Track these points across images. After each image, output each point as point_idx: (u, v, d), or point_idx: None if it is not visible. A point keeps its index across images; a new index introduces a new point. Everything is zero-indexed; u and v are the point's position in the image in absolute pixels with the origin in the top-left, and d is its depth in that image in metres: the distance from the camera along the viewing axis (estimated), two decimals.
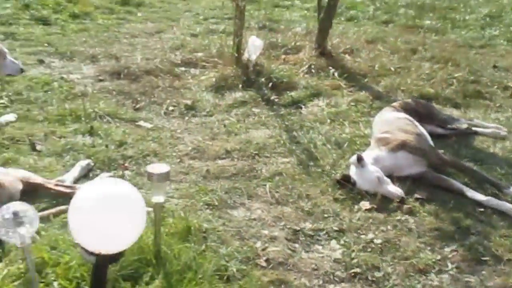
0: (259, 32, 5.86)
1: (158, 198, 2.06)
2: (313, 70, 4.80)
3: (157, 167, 2.05)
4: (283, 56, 5.19)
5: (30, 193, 2.59)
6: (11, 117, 3.52)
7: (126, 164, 3.06)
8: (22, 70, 3.29)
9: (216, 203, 2.73)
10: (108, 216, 1.54)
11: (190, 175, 3.02)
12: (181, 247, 2.18)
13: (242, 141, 3.44)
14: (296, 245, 2.44)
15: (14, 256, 2.15)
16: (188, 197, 2.77)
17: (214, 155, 3.26)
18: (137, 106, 3.96)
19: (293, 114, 3.96)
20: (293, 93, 4.28)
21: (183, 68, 4.82)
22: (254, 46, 4.80)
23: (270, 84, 4.39)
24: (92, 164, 3.00)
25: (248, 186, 2.92)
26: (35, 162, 3.00)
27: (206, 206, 2.71)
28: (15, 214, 1.66)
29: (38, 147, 3.17)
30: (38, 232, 2.24)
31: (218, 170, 3.07)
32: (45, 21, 5.92)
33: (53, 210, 2.48)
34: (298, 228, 2.56)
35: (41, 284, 1.97)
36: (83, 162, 2.95)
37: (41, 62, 4.73)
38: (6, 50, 3.16)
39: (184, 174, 3.02)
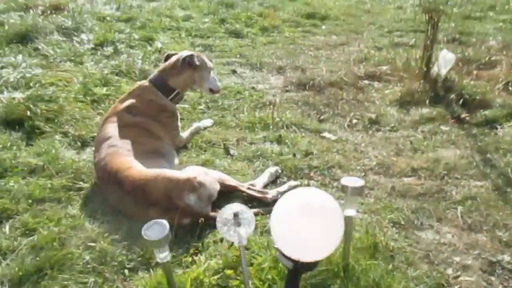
0: (448, 46, 5.59)
1: (350, 212, 2.06)
2: (510, 88, 4.40)
3: (352, 180, 2.05)
4: (475, 72, 4.84)
5: (225, 194, 2.81)
6: (208, 122, 3.84)
7: (311, 174, 3.12)
8: (219, 88, 3.56)
9: (403, 222, 2.64)
10: (310, 225, 1.59)
11: (374, 191, 2.97)
12: (369, 263, 2.15)
13: (430, 160, 3.28)
14: (493, 278, 2.25)
15: (213, 251, 2.34)
16: (374, 213, 2.73)
17: (400, 172, 3.17)
18: (322, 117, 4.03)
19: (487, 134, 3.66)
20: (487, 112, 3.96)
21: (366, 81, 4.79)
22: (445, 60, 4.59)
23: (461, 101, 4.12)
24: (280, 171, 3.12)
25: (436, 207, 2.78)
26: (229, 165, 3.23)
27: (392, 224, 2.64)
28: (235, 214, 1.80)
29: (231, 151, 3.41)
30: None
31: (404, 188, 2.98)
32: (237, 34, 6.35)
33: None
34: (494, 260, 2.35)
35: (236, 281, 2.11)
36: (272, 169, 3.09)
37: (233, 72, 5.08)
38: (211, 66, 3.45)
39: (369, 189, 2.98)
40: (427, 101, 4.21)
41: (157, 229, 1.76)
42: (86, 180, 3.02)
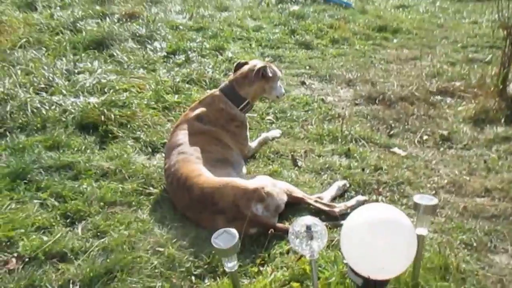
0: None
1: (422, 230, 2.03)
2: None
3: (425, 198, 2.03)
4: None
5: (292, 205, 2.85)
6: (276, 133, 3.89)
7: (380, 190, 3.10)
8: (284, 94, 3.61)
9: (475, 244, 2.57)
10: (382, 242, 1.60)
11: (445, 210, 2.91)
12: (440, 285, 2.11)
13: (504, 181, 3.18)
14: None
15: (279, 262, 2.38)
16: (444, 232, 2.68)
17: (472, 192, 3.08)
18: (391, 132, 3.98)
19: None
20: None
21: (439, 97, 4.68)
22: None
23: None
24: (348, 185, 3.12)
25: (511, 230, 2.68)
26: (296, 176, 3.27)
27: (464, 246, 2.58)
28: (308, 227, 1.82)
29: (299, 163, 3.44)
30: None
31: (476, 208, 2.90)
32: (307, 46, 6.39)
33: None
34: None
35: None
36: (340, 183, 3.09)
37: (302, 83, 5.12)
38: (280, 75, 3.51)
39: (440, 208, 2.92)
40: (503, 120, 4.08)
41: (226, 237, 1.81)
42: (156, 185, 3.14)
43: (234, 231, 1.85)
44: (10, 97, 4.12)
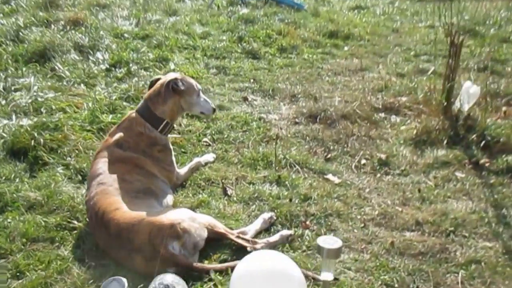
0: (478, 75, 5.48)
1: (327, 275, 2.02)
2: None
3: (329, 240, 2.02)
4: (504, 108, 4.67)
5: (214, 241, 2.80)
6: (210, 157, 3.83)
7: (307, 222, 3.09)
8: (214, 110, 3.54)
9: (396, 285, 2.59)
10: None
11: (372, 245, 2.92)
12: None
13: (437, 213, 3.21)
14: None
15: None
16: (366, 272, 2.68)
17: (402, 225, 3.11)
18: (329, 155, 3.99)
19: (506, 185, 3.55)
20: (509, 158, 3.83)
21: (382, 114, 4.73)
22: (468, 94, 4.46)
23: (482, 143, 4.00)
24: (275, 218, 3.10)
25: (436, 270, 2.71)
26: (224, 207, 3.22)
27: (385, 287, 2.59)
28: (167, 286, 1.79)
29: (229, 192, 3.40)
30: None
31: (404, 244, 2.91)
32: (254, 55, 6.38)
33: (226, 264, 2.63)
34: None
35: None
36: (266, 215, 3.07)
37: (245, 99, 5.09)
38: (199, 88, 3.44)
39: (367, 243, 2.94)
40: (445, 142, 4.12)
41: (116, 286, 1.78)
42: (81, 218, 3.07)
43: (123, 280, 1.82)
44: None
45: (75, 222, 3.04)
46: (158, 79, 3.37)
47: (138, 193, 2.91)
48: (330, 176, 3.67)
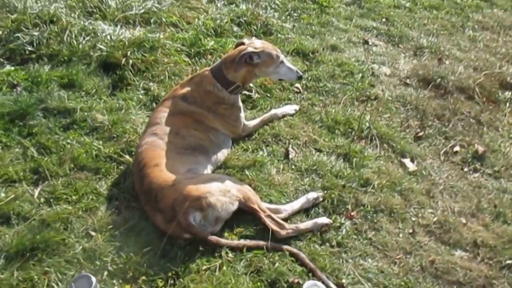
0: None
1: None
2: None
3: None
4: None
5: (246, 212, 2.77)
6: (290, 109, 3.65)
7: (353, 213, 2.89)
8: (299, 77, 3.31)
9: None
10: None
11: (409, 257, 2.67)
12: None
13: (504, 237, 2.82)
14: None
15: (189, 282, 2.42)
16: None
17: (456, 242, 2.78)
18: (421, 133, 3.59)
19: None
20: None
21: (509, 94, 4.04)
22: None
23: None
24: (321, 199, 2.95)
25: None
26: (277, 173, 3.12)
27: None
28: None
29: (290, 155, 3.28)
30: None
31: (445, 266, 2.63)
32: None
33: (243, 242, 2.63)
34: None
35: None
36: (312, 195, 2.93)
37: (365, 42, 4.69)
38: (281, 58, 3.20)
39: (405, 253, 2.69)
40: None
41: (85, 283, 1.87)
42: (133, 153, 3.10)
43: (93, 279, 1.91)
44: (53, 21, 4.26)
45: (127, 156, 3.12)
46: (243, 43, 3.23)
47: (187, 149, 2.94)
48: (407, 161, 3.33)
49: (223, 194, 2.69)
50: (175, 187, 2.64)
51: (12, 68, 3.81)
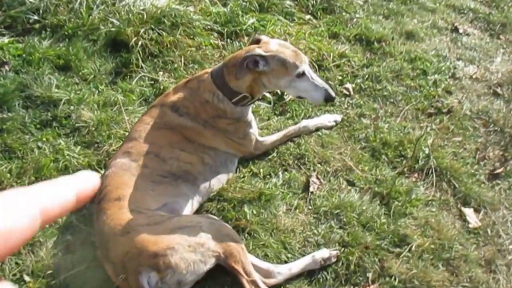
0: None
1: None
2: None
3: None
4: None
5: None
6: (328, 120, 2.86)
7: (372, 287, 2.12)
8: (329, 99, 2.41)
9: None
10: None
11: None
12: None
13: None
14: None
15: None
16: None
17: None
18: (500, 169, 2.63)
19: None
20: None
21: None
22: None
23: None
24: (334, 260, 2.19)
25: None
26: (287, 211, 2.39)
27: None
28: None
29: (311, 188, 2.52)
30: None
31: None
32: None
33: None
34: None
35: None
36: (321, 254, 2.18)
37: (453, 30, 3.68)
38: (303, 68, 2.33)
39: None
40: None
41: None
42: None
43: None
44: None
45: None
46: (259, 40, 2.46)
47: (166, 176, 2.29)
48: (469, 212, 2.44)
49: (193, 250, 2.03)
50: (129, 236, 2.02)
51: (6, 41, 3.25)
